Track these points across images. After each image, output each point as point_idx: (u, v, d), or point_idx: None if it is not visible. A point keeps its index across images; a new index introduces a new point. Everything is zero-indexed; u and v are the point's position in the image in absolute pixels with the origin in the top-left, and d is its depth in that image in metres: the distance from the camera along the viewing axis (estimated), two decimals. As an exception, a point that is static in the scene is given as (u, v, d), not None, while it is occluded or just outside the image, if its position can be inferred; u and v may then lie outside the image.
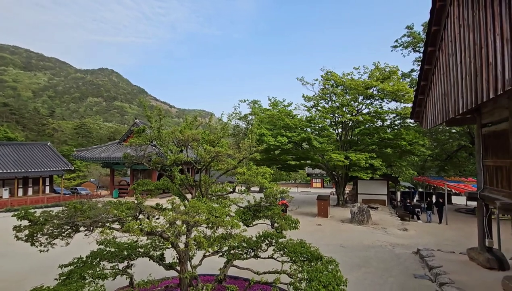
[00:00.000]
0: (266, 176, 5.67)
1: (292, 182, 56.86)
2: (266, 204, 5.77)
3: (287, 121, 20.47)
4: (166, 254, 5.92)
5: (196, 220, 3.80)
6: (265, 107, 30.67)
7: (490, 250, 8.63)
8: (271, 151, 21.98)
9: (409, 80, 24.47)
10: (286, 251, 5.53)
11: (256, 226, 6.10)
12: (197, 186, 5.69)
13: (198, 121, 5.93)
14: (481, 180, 8.51)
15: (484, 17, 4.95)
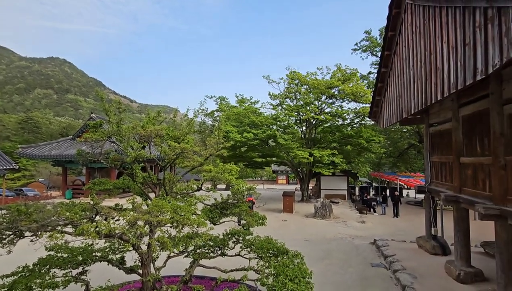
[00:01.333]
0: (233, 173, 5.62)
1: (258, 179, 57.43)
2: (233, 201, 5.73)
3: (253, 119, 20.59)
4: (127, 257, 5.59)
5: (160, 219, 3.62)
6: (232, 104, 30.49)
7: (435, 237, 9.58)
8: (238, 148, 21.96)
9: (367, 82, 26.07)
10: (253, 247, 5.55)
11: (223, 224, 6.03)
12: (161, 184, 5.44)
13: (161, 116, 5.65)
14: (428, 174, 9.38)
15: (433, 26, 5.42)
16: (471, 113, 6.49)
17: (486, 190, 5.83)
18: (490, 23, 3.51)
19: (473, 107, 6.33)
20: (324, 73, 24.45)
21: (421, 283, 6.91)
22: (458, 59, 4.38)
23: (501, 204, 5.23)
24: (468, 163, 6.63)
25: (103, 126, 5.15)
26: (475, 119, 6.33)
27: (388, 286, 7.21)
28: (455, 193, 7.13)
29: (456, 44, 4.42)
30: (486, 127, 5.72)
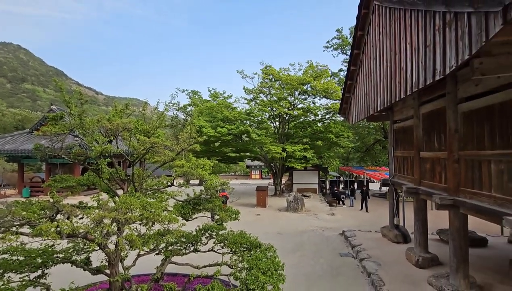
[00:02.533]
0: (206, 168, 5.54)
1: (232, 174, 57.28)
2: (206, 196, 5.66)
3: (226, 114, 20.43)
4: (93, 257, 5.31)
5: (128, 216, 3.47)
6: (205, 99, 29.97)
7: (397, 227, 10.27)
8: (211, 143, 21.69)
9: (338, 79, 26.95)
10: (226, 242, 5.55)
11: (196, 220, 5.95)
12: (130, 180, 5.21)
13: (130, 109, 5.38)
14: (392, 168, 9.98)
15: (398, 27, 5.72)
16: (430, 111, 6.99)
17: (442, 182, 6.34)
18: (448, 27, 3.78)
19: (432, 106, 6.81)
20: (296, 69, 24.84)
21: (384, 270, 7.38)
22: (419, 60, 4.67)
23: (454, 195, 5.73)
24: (427, 157, 7.15)
25: (64, 119, 4.79)
26: (434, 117, 6.82)
27: (355, 274, 7.62)
28: (415, 185, 7.67)
29: (418, 45, 4.71)
30: (443, 125, 6.20)
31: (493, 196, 4.69)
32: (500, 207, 4.46)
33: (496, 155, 4.64)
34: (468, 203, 5.26)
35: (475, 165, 5.21)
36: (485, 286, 6.24)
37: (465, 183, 5.51)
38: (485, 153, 4.94)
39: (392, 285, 6.45)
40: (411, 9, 4.92)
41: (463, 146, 5.56)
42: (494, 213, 4.51)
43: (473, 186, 5.27)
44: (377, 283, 6.58)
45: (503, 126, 4.54)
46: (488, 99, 4.84)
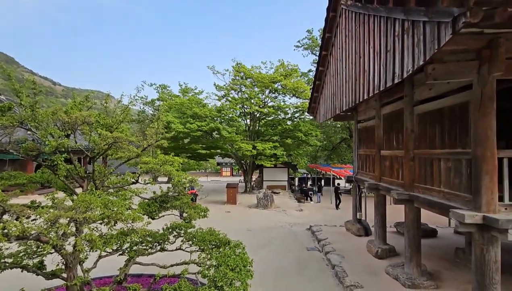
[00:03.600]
0: (175, 165, 5.39)
1: (202, 171, 56.38)
2: (174, 194, 5.51)
3: (196, 111, 20.03)
4: (47, 261, 4.92)
5: (88, 216, 3.27)
6: (175, 94, 29.05)
7: (360, 221, 10.88)
8: (180, 140, 21.15)
9: (307, 79, 27.69)
10: (195, 240, 5.47)
11: (163, 218, 5.78)
12: (90, 178, 4.90)
13: (90, 102, 5.03)
14: (356, 166, 10.53)
15: (362, 31, 6.03)
16: (390, 112, 7.47)
17: (399, 178, 6.83)
18: (406, 34, 4.07)
19: (392, 107, 7.29)
20: (268, 68, 25.14)
21: (347, 262, 7.79)
22: (381, 63, 4.97)
23: (409, 190, 6.21)
24: (386, 155, 7.65)
25: (13, 110, 4.35)
26: (393, 117, 7.31)
27: (320, 266, 7.94)
28: (376, 181, 8.17)
29: (380, 50, 5.01)
30: (400, 125, 6.66)
31: (442, 191, 5.16)
32: (448, 201, 4.92)
33: (445, 153, 5.11)
34: (421, 197, 5.73)
35: (427, 163, 5.69)
36: (435, 273, 6.86)
37: (419, 179, 5.99)
38: (436, 152, 5.40)
39: (354, 276, 6.83)
40: (374, 15, 5.21)
41: (418, 145, 6.03)
42: (442, 206, 4.96)
43: (425, 182, 5.75)
44: (341, 275, 6.93)
45: (451, 128, 5.00)
46: (440, 103, 5.30)
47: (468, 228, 4.22)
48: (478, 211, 4.15)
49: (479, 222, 4.07)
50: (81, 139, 5.13)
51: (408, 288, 6.18)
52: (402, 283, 6.34)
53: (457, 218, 4.24)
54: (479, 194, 4.16)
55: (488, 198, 4.10)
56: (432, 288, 6.15)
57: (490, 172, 4.08)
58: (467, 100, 4.47)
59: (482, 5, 2.85)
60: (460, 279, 6.51)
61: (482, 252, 4.20)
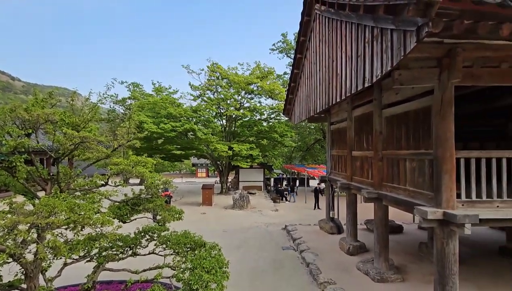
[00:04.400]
0: (148, 166, 5.22)
1: (176, 173, 55.01)
2: (146, 196, 5.33)
3: (171, 111, 19.52)
4: (4, 271, 4.52)
5: (51, 221, 3.05)
6: (148, 93, 28.11)
7: (333, 219, 11.24)
8: (154, 140, 20.51)
9: (282, 81, 28.12)
10: (169, 243, 5.32)
11: (135, 221, 5.57)
12: (54, 180, 4.59)
13: (54, 99, 4.71)
14: (329, 166, 10.87)
15: (335, 36, 6.25)
16: (360, 114, 7.81)
17: (369, 178, 7.16)
18: (375, 40, 4.29)
19: (362, 110, 7.63)
20: (244, 69, 25.16)
21: (321, 259, 8.01)
22: (352, 68, 5.19)
23: (378, 189, 6.53)
24: (357, 156, 7.99)
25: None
26: (363, 120, 7.65)
27: (295, 265, 8.09)
28: (347, 181, 8.49)
29: (351, 54, 5.23)
30: (370, 127, 6.99)
31: (407, 189, 5.49)
32: (413, 199, 5.25)
33: (410, 154, 5.44)
34: (389, 196, 6.05)
35: (394, 163, 6.02)
36: (401, 267, 7.27)
37: (387, 178, 6.32)
38: (402, 153, 5.74)
39: (327, 273, 7.04)
40: (346, 21, 5.43)
41: (386, 146, 6.37)
42: (408, 203, 5.28)
43: (393, 181, 6.08)
44: (315, 272, 7.11)
45: (416, 130, 5.34)
46: (405, 107, 5.64)
47: (430, 223, 4.52)
48: (439, 208, 4.47)
49: (439, 217, 4.39)
50: (44, 139, 4.78)
51: (377, 282, 6.49)
52: (371, 278, 6.64)
53: (421, 215, 4.54)
54: (439, 192, 4.48)
55: (447, 195, 4.43)
56: (398, 281, 6.51)
57: (449, 171, 4.42)
58: (429, 105, 4.80)
59: (443, 16, 3.09)
60: (423, 271, 6.96)
61: (442, 246, 4.52)
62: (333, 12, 6.11)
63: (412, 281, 6.55)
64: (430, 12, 3.02)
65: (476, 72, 4.43)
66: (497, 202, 4.54)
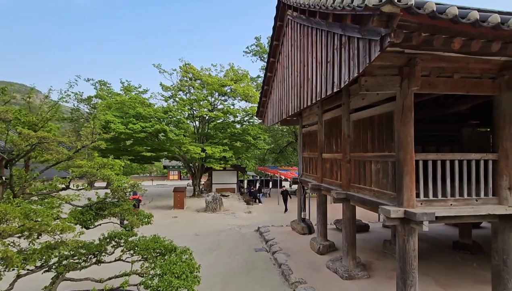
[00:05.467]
0: (115, 168, 4.98)
1: (147, 175, 52.94)
2: (113, 200, 5.08)
3: (140, 110, 18.79)
4: None
5: (1, 229, 2.79)
6: (116, 92, 26.86)
7: (304, 220, 11.51)
8: (122, 141, 19.59)
9: (256, 84, 28.36)
10: (137, 249, 5.11)
11: (100, 227, 5.28)
12: (6, 184, 4.20)
13: (8, 95, 4.32)
14: (301, 168, 11.12)
15: (307, 42, 6.45)
16: (330, 118, 8.11)
17: (338, 179, 7.44)
18: (343, 48, 4.49)
19: (332, 114, 7.93)
20: (218, 70, 25.06)
21: (293, 260, 8.16)
22: (322, 73, 5.38)
23: (346, 190, 6.81)
24: (327, 158, 8.27)
25: None
26: (333, 123, 7.95)
27: (268, 266, 8.15)
28: (318, 182, 8.75)
29: (321, 60, 5.42)
30: (339, 130, 7.28)
31: (372, 190, 5.79)
32: (377, 199, 5.54)
33: (375, 156, 5.75)
34: (356, 196, 6.33)
35: (361, 165, 6.33)
36: (367, 264, 7.63)
37: (354, 179, 6.62)
38: (368, 155, 6.05)
39: (299, 272, 7.19)
40: (317, 28, 5.63)
41: (353, 149, 6.67)
42: (373, 203, 5.56)
43: (359, 182, 6.38)
44: (286, 272, 7.22)
45: (380, 134, 5.66)
46: (371, 111, 5.96)
47: (393, 221, 4.81)
48: (401, 207, 4.76)
49: (401, 216, 4.68)
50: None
51: (345, 279, 6.75)
52: (340, 276, 6.89)
53: (384, 213, 4.80)
54: (401, 192, 4.78)
55: (408, 195, 4.74)
56: (365, 278, 6.82)
57: (410, 173, 4.73)
58: (392, 110, 5.12)
59: (403, 28, 3.32)
60: (387, 267, 7.36)
61: (404, 242, 4.82)
62: (304, 18, 6.30)
63: (377, 277, 6.90)
64: (392, 23, 3.23)
65: (433, 81, 4.81)
66: (451, 201, 4.95)
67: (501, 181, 5.03)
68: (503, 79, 4.95)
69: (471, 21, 3.24)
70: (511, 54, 4.09)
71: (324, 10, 4.67)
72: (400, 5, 3.04)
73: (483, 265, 7.26)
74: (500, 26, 3.37)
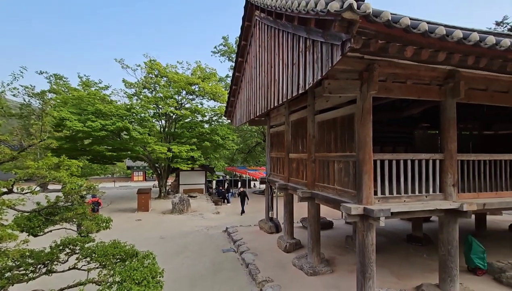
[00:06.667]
0: (72, 169, 4.60)
1: (108, 177, 49.89)
2: (66, 204, 4.69)
3: (99, 107, 17.63)
4: None
5: None
6: (74, 87, 24.93)
7: (272, 219, 11.66)
8: (80, 140, 18.25)
9: (224, 83, 28.15)
10: (94, 256, 4.78)
11: (52, 234, 4.85)
12: None
13: None
14: (268, 167, 11.26)
15: (273, 44, 6.54)
16: (296, 119, 8.31)
17: (304, 178, 7.64)
18: (308, 51, 4.62)
19: (298, 115, 8.13)
20: (184, 68, 24.49)
21: (260, 259, 8.22)
22: (288, 74, 5.49)
23: (311, 189, 7.02)
24: (293, 158, 8.46)
25: None
26: (299, 124, 8.15)
27: (235, 267, 8.12)
28: (285, 182, 8.93)
29: (288, 62, 5.53)
30: (305, 131, 7.49)
31: (335, 188, 6.05)
32: (340, 197, 5.79)
33: (338, 156, 6.01)
34: (320, 195, 6.56)
35: (325, 164, 6.57)
36: (330, 259, 7.95)
37: (319, 178, 6.85)
38: (331, 155, 6.30)
39: (266, 271, 7.26)
40: (283, 30, 5.73)
41: (318, 149, 6.91)
42: (336, 201, 5.80)
43: (324, 181, 6.62)
44: (254, 272, 7.25)
45: (342, 135, 5.92)
46: (334, 113, 6.21)
47: (354, 218, 5.06)
48: (360, 204, 5.03)
49: (361, 212, 4.94)
50: None
51: (310, 275, 6.96)
52: (305, 272, 7.09)
53: (346, 211, 5.04)
54: (360, 190, 5.05)
55: (367, 192, 5.02)
56: (328, 273, 7.10)
57: (368, 172, 5.02)
58: (353, 112, 5.38)
59: (362, 35, 3.51)
60: (349, 262, 7.74)
61: (363, 237, 5.10)
62: (271, 20, 6.38)
63: (340, 271, 7.21)
64: (352, 29, 3.39)
65: (389, 86, 5.15)
66: (404, 197, 5.34)
67: (446, 178, 5.55)
68: (448, 86, 5.47)
69: (421, 31, 3.52)
70: (455, 64, 4.52)
71: (289, 13, 4.77)
72: (359, 12, 3.20)
73: (432, 255, 7.95)
74: (445, 37, 3.70)
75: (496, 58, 4.44)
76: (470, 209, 5.24)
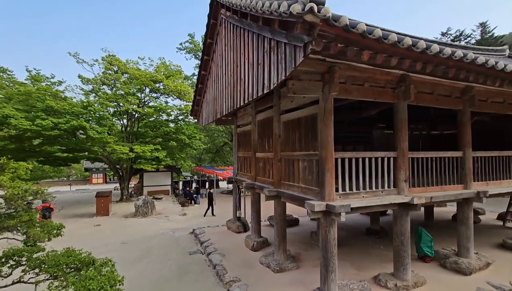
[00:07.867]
0: (20, 173, 4.15)
1: (63, 179, 45.94)
2: (8, 210, 4.22)
3: (51, 104, 16.16)
4: None
5: None
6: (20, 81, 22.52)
7: (239, 219, 11.66)
8: (28, 140, 16.57)
9: (191, 82, 27.52)
10: (44, 267, 4.37)
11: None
12: None
13: None
14: (236, 167, 11.23)
15: (239, 43, 6.52)
16: (263, 119, 8.40)
17: (270, 177, 7.75)
18: (272, 51, 4.68)
19: (264, 115, 8.22)
20: (147, 65, 23.50)
21: (227, 259, 8.16)
22: (254, 74, 5.52)
23: (278, 187, 7.14)
24: (260, 157, 8.54)
25: None
26: (265, 124, 8.25)
27: (202, 268, 7.97)
28: (252, 181, 8.97)
29: (253, 62, 5.55)
30: (271, 131, 7.60)
31: (300, 186, 6.22)
32: (304, 194, 5.96)
33: (302, 155, 6.18)
34: (286, 193, 6.70)
35: (290, 163, 6.72)
36: (296, 255, 8.17)
37: (285, 177, 6.99)
38: (296, 154, 6.46)
39: (233, 271, 7.23)
40: (249, 29, 5.74)
41: (283, 148, 7.05)
42: (301, 199, 5.96)
43: (289, 179, 6.77)
44: (221, 272, 7.18)
45: (306, 134, 6.11)
46: (298, 113, 6.39)
47: (317, 214, 5.25)
48: (323, 201, 5.23)
49: (323, 209, 5.14)
50: None
51: (277, 273, 7.08)
52: (272, 270, 7.20)
53: (310, 208, 5.20)
54: (323, 187, 5.25)
55: (329, 190, 5.24)
56: (294, 269, 7.28)
57: (330, 170, 5.24)
58: (316, 113, 5.58)
59: (322, 38, 3.64)
60: (314, 257, 8.01)
61: (325, 232, 5.31)
62: (237, 19, 6.35)
63: (305, 267, 7.44)
64: (313, 32, 3.50)
65: (348, 88, 5.42)
66: (363, 193, 5.67)
67: (399, 174, 6.00)
68: (400, 89, 5.91)
69: (375, 37, 3.75)
70: (405, 69, 4.90)
71: (254, 13, 4.79)
72: (320, 15, 3.32)
73: (388, 247, 8.55)
74: (397, 44, 3.99)
75: (439, 65, 4.90)
76: (420, 202, 5.73)
